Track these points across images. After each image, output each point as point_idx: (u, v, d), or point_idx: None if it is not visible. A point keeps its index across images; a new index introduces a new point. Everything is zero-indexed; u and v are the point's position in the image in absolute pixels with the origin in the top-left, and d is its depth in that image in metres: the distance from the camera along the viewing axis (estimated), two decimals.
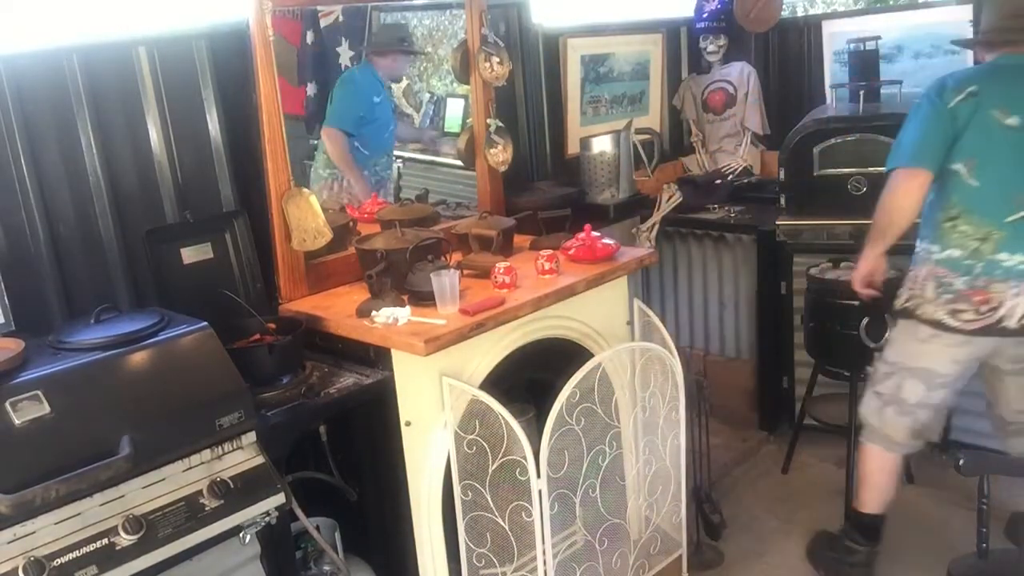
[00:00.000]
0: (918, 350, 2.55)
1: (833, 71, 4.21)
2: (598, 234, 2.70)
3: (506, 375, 2.40)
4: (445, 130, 3.47)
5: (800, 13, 4.80)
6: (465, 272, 2.53)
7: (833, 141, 3.39)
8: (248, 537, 1.81)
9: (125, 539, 1.62)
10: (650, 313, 2.77)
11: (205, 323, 1.90)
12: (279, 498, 1.85)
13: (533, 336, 2.44)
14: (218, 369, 1.84)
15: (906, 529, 3.09)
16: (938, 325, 2.45)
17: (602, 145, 3.56)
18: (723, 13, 4.32)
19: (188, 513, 1.71)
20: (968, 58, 3.79)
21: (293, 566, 2.08)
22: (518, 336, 2.40)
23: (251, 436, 1.85)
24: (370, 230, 2.72)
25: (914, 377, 2.58)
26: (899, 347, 2.63)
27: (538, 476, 2.21)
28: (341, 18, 3.06)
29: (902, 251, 3.30)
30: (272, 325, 2.26)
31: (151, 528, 1.66)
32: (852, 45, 3.74)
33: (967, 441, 3.39)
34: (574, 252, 2.65)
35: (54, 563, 1.55)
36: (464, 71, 3.00)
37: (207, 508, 1.74)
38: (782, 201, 3.56)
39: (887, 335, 3.05)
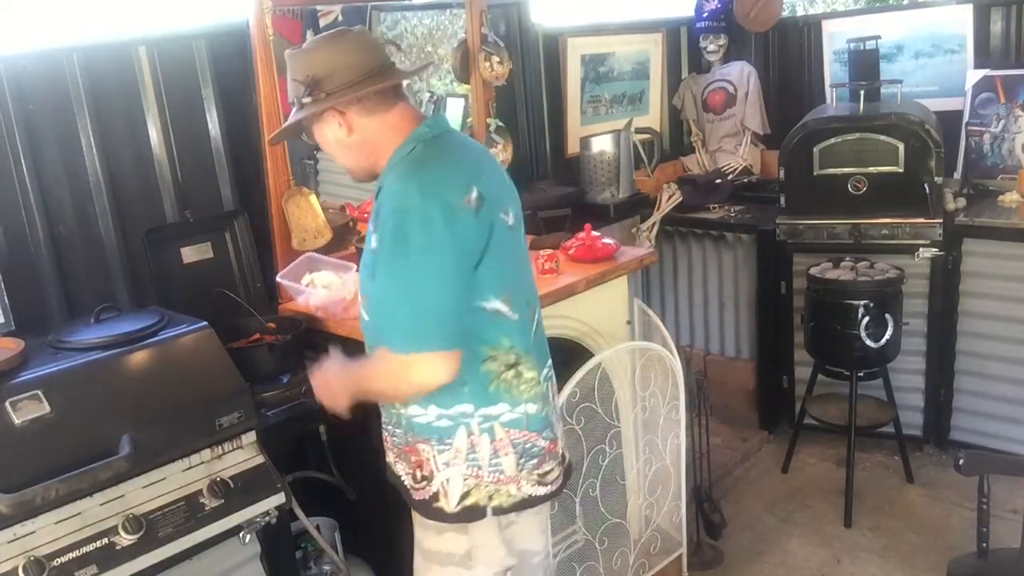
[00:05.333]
0: (505, 543, 1.76)
1: (833, 71, 4.21)
2: (598, 233, 2.70)
3: None
4: None
5: (800, 13, 4.81)
6: None
7: (833, 141, 3.39)
8: (248, 537, 1.81)
9: (125, 539, 1.62)
10: (650, 312, 2.77)
11: (205, 323, 1.90)
12: (279, 498, 1.85)
13: None
14: (218, 369, 1.84)
15: (906, 529, 3.09)
16: (527, 502, 1.72)
17: (602, 145, 3.56)
18: (723, 13, 4.32)
19: (188, 513, 1.71)
20: (969, 58, 3.80)
21: (293, 566, 2.08)
22: None
23: (251, 436, 1.85)
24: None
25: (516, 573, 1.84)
26: (483, 555, 1.74)
27: None
28: (340, 18, 3.05)
29: (894, 250, 3.33)
30: (272, 325, 2.26)
31: (151, 528, 1.66)
32: (852, 45, 3.74)
33: (967, 441, 3.40)
34: (574, 251, 2.65)
35: (54, 563, 1.55)
36: (464, 70, 3.00)
37: (207, 508, 1.74)
38: (782, 201, 3.56)
39: (887, 334, 3.06)
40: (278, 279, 2.04)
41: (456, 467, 1.66)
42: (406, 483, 1.75)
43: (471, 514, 1.68)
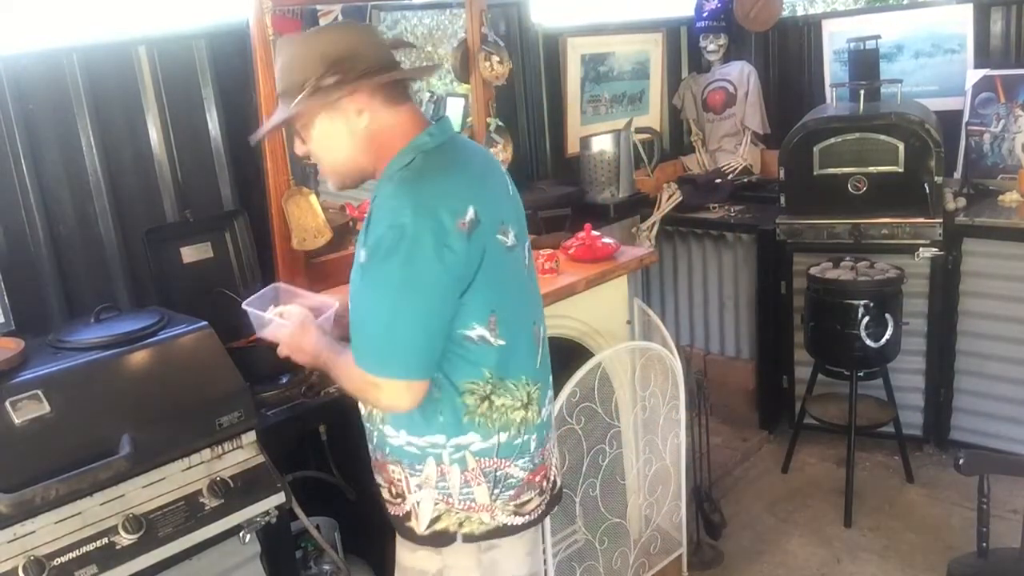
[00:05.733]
0: (485, 567, 1.71)
1: (833, 70, 4.21)
2: (598, 233, 2.70)
3: None
4: None
5: (800, 12, 4.81)
6: None
7: (833, 140, 3.39)
8: (248, 536, 1.81)
9: (125, 538, 1.62)
10: (650, 312, 2.77)
11: (205, 322, 1.90)
12: (279, 497, 1.85)
13: None
14: (218, 368, 1.84)
15: (906, 529, 3.09)
16: (501, 531, 1.66)
17: (602, 144, 3.57)
18: (723, 12, 4.33)
19: (188, 512, 1.71)
20: (969, 58, 3.80)
21: (293, 566, 2.08)
22: None
23: (251, 435, 1.85)
24: None
25: None
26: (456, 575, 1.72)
27: None
28: (340, 17, 3.05)
29: (890, 250, 3.33)
30: None
31: (151, 527, 1.65)
32: (852, 44, 3.74)
33: (967, 441, 3.40)
34: (574, 251, 2.66)
35: (54, 562, 1.54)
36: (464, 70, 3.00)
37: (207, 507, 1.74)
38: (782, 200, 3.56)
39: (887, 334, 3.06)
40: (243, 305, 1.75)
41: (427, 491, 1.62)
42: (383, 495, 1.73)
43: (441, 539, 1.64)
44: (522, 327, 1.64)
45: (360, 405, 1.72)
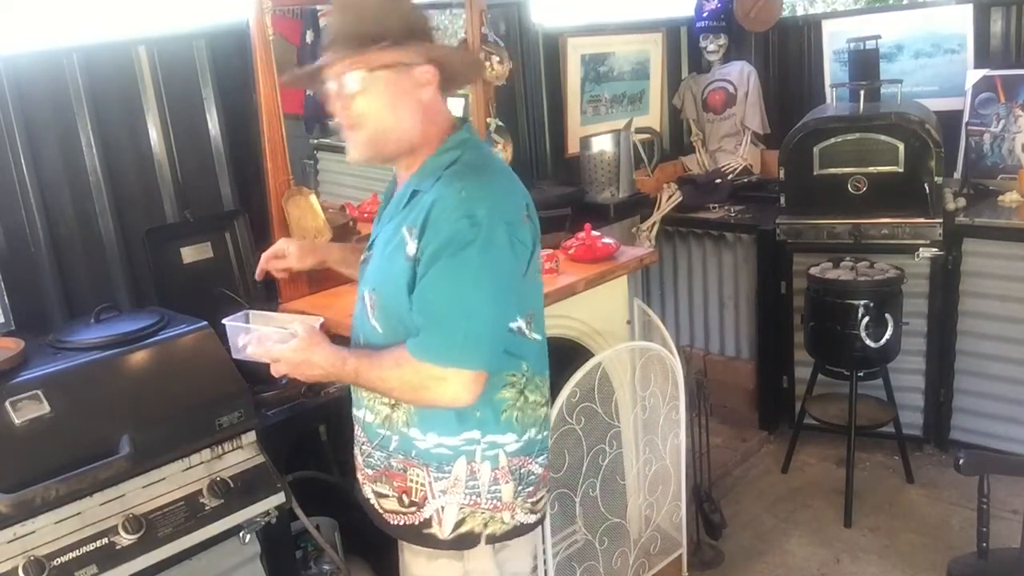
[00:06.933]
0: (498, 566, 1.73)
1: (833, 71, 4.21)
2: (598, 233, 2.70)
3: None
4: None
5: (800, 13, 4.81)
6: None
7: (833, 140, 3.39)
8: (248, 537, 1.81)
9: (125, 538, 1.62)
10: (650, 312, 2.77)
11: (205, 323, 1.90)
12: (279, 497, 1.85)
13: None
14: (218, 369, 1.84)
15: (906, 529, 3.09)
16: (518, 530, 1.67)
17: (602, 144, 3.56)
18: (723, 12, 4.32)
19: (188, 513, 1.71)
20: (969, 58, 3.80)
21: (293, 566, 2.08)
22: None
23: (251, 435, 1.85)
24: (371, 229, 2.71)
25: None
26: None
27: None
28: None
29: (894, 250, 3.33)
30: None
31: (151, 527, 1.66)
32: (852, 45, 3.74)
33: (967, 441, 3.40)
34: (574, 251, 2.65)
35: (54, 563, 1.54)
36: None
37: (207, 508, 1.74)
38: (782, 200, 3.56)
39: (887, 334, 3.06)
40: (223, 321, 1.73)
41: (453, 495, 1.60)
42: (384, 506, 1.68)
43: (464, 541, 1.63)
44: (544, 323, 1.69)
45: (364, 413, 1.66)
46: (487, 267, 1.44)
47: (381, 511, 1.70)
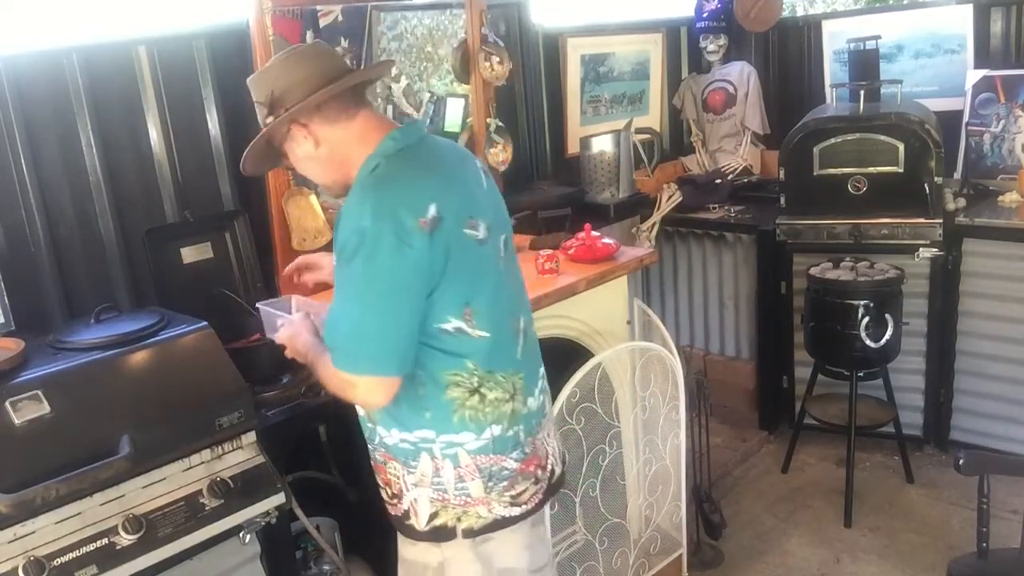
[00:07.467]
0: (481, 558, 1.72)
1: (833, 71, 4.21)
2: (598, 233, 2.70)
3: None
4: (445, 130, 3.46)
5: (800, 13, 4.80)
6: None
7: (833, 140, 3.39)
8: (248, 537, 1.81)
9: (125, 539, 1.62)
10: (650, 312, 2.77)
11: (205, 323, 1.90)
12: (279, 498, 1.85)
13: None
14: (218, 369, 1.84)
15: (906, 529, 3.10)
16: (499, 524, 1.69)
17: (602, 145, 3.57)
18: (723, 13, 4.32)
19: (188, 513, 1.71)
20: (969, 58, 3.80)
21: (293, 566, 2.08)
22: None
23: (251, 436, 1.85)
24: None
25: None
26: (455, 569, 1.72)
27: None
28: (340, 18, 3.05)
29: (894, 250, 3.33)
30: None
31: (151, 528, 1.65)
32: (852, 45, 3.74)
33: (967, 441, 3.40)
34: (574, 251, 2.65)
35: (54, 563, 1.54)
36: (464, 71, 3.00)
37: (207, 508, 1.74)
38: (782, 201, 3.56)
39: (887, 334, 3.06)
40: (258, 304, 1.88)
41: (423, 489, 1.64)
42: (383, 497, 1.75)
43: (441, 534, 1.67)
44: (503, 318, 1.66)
45: (358, 408, 1.73)
46: (373, 277, 1.48)
47: (381, 499, 1.76)
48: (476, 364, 1.60)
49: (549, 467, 1.77)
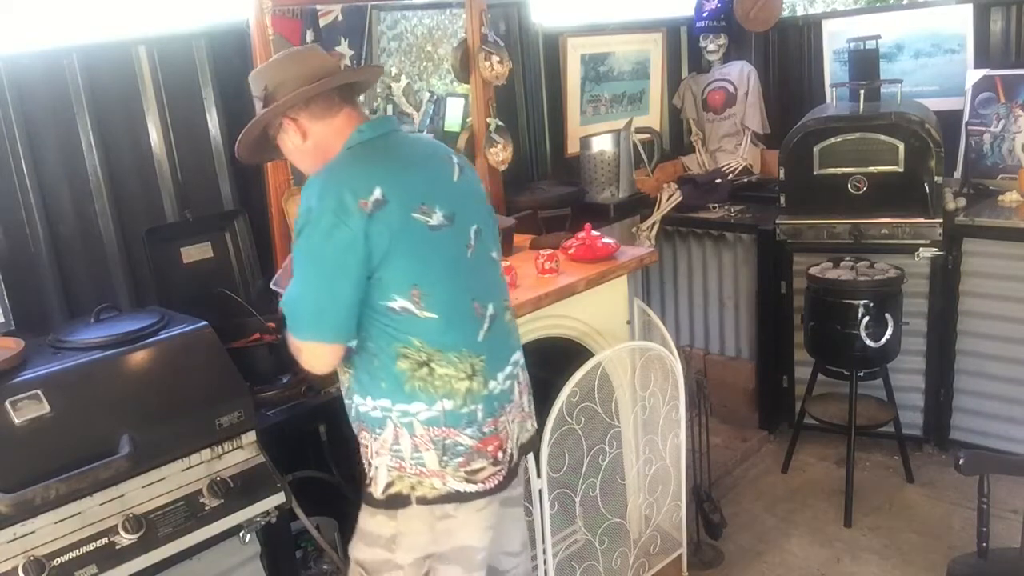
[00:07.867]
0: (438, 534, 1.79)
1: (833, 70, 4.21)
2: (598, 233, 2.70)
3: None
4: (445, 129, 3.46)
5: (800, 12, 4.80)
6: None
7: (833, 140, 3.39)
8: (248, 536, 1.81)
9: (125, 538, 1.62)
10: (650, 312, 2.77)
11: (205, 322, 1.90)
12: (279, 497, 1.85)
13: (533, 335, 2.44)
14: (218, 368, 1.84)
15: (906, 529, 3.09)
16: (454, 497, 1.75)
17: (602, 144, 3.57)
18: (723, 12, 4.32)
19: (188, 512, 1.71)
20: (969, 58, 3.80)
21: (293, 566, 2.08)
22: None
23: (251, 435, 1.85)
24: None
25: (447, 563, 1.82)
26: (406, 541, 1.78)
27: (538, 476, 2.22)
28: (340, 17, 3.05)
29: (894, 250, 3.33)
30: (272, 324, 2.26)
31: (151, 527, 1.66)
32: (852, 44, 3.74)
33: (967, 441, 3.40)
34: (574, 251, 2.66)
35: (54, 562, 1.55)
36: (464, 70, 3.00)
37: (207, 507, 1.74)
38: (782, 200, 3.56)
39: (887, 334, 3.06)
40: (271, 285, 1.99)
41: (383, 457, 1.74)
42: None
43: (395, 502, 1.74)
44: (459, 303, 1.74)
45: (341, 383, 1.83)
46: (311, 251, 1.63)
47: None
48: (423, 342, 1.69)
49: (509, 451, 1.82)
